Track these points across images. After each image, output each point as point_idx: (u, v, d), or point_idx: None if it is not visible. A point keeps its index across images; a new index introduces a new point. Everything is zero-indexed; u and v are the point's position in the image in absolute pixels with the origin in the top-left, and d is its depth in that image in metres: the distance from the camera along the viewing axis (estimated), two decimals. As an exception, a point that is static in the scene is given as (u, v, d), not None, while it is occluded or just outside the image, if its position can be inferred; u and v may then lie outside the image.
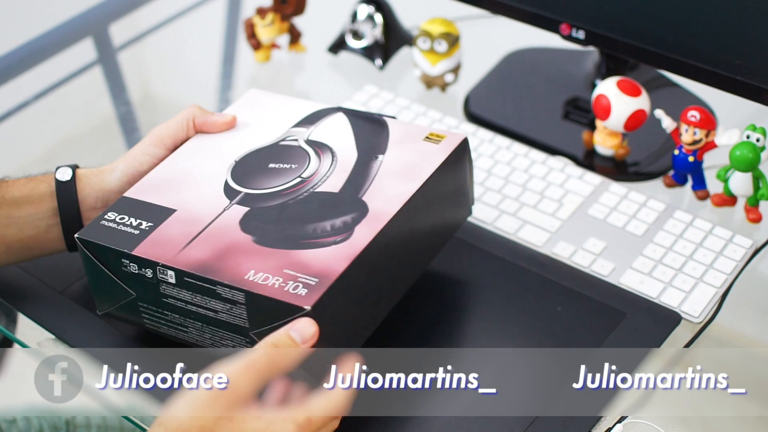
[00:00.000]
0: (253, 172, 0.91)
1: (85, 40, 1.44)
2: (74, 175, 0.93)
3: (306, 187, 0.88)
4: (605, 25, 1.15)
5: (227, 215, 0.86)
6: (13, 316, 0.98)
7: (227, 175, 0.91)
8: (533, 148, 1.15)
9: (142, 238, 0.85)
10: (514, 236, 1.05)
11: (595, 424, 0.86)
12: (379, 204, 0.85)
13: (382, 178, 0.89)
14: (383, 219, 0.84)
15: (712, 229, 1.04)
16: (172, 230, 0.85)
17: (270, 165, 0.91)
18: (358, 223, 0.84)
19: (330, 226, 0.84)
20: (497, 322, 0.95)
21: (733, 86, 1.07)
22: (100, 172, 0.94)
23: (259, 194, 0.88)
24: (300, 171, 0.90)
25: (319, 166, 0.90)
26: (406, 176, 0.88)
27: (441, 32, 1.22)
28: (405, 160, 0.90)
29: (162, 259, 0.82)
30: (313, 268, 0.79)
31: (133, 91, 1.36)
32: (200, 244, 0.83)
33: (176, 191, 0.90)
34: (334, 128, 0.95)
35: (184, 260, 0.82)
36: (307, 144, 0.93)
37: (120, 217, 0.87)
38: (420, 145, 0.92)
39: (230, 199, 0.88)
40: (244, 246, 0.82)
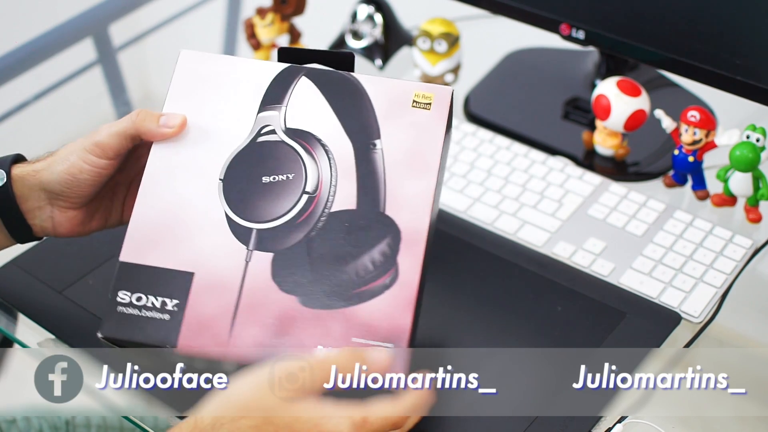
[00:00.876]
0: (248, 194, 0.82)
1: (85, 40, 1.44)
2: (9, 177, 0.89)
3: (318, 209, 0.81)
4: (605, 25, 1.15)
5: (253, 269, 0.80)
6: (13, 316, 0.98)
7: (222, 203, 0.82)
8: (533, 148, 1.15)
9: (177, 324, 0.78)
10: (514, 236, 1.05)
11: (595, 424, 0.86)
12: (405, 218, 0.80)
13: (392, 177, 0.82)
14: (420, 241, 0.80)
15: (712, 229, 1.04)
16: (206, 306, 0.79)
17: (264, 179, 0.82)
18: (396, 251, 0.79)
19: (371, 263, 0.79)
20: (497, 322, 0.95)
21: (732, 86, 1.07)
22: (36, 172, 0.89)
23: (272, 229, 0.81)
24: (300, 183, 0.82)
25: (319, 173, 0.82)
26: (417, 170, 0.82)
27: (441, 32, 1.22)
28: (405, 143, 0.83)
29: (214, 353, 0.77)
30: (381, 330, 0.77)
31: (133, 91, 1.36)
32: (246, 320, 0.78)
33: (177, 242, 0.81)
34: (306, 105, 0.85)
35: (240, 350, 0.77)
36: (289, 138, 0.83)
37: (136, 298, 0.80)
38: (411, 115, 0.84)
39: (243, 242, 0.80)
40: (292, 312, 0.78)
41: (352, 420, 0.72)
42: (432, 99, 0.84)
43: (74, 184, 0.88)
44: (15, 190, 0.88)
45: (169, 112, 0.87)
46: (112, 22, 1.47)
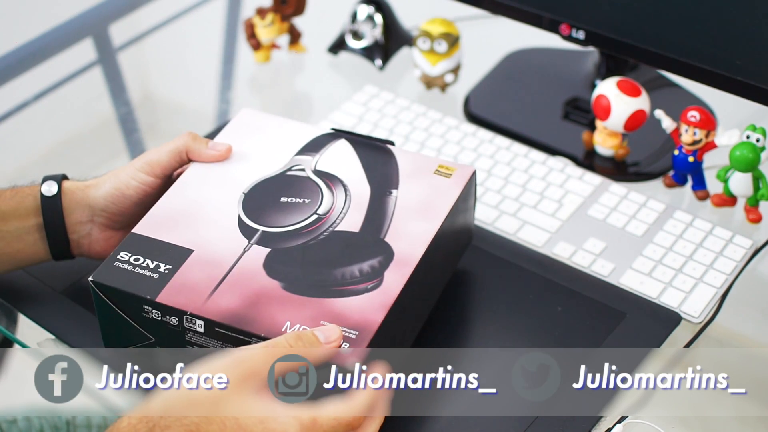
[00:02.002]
0: (265, 206, 0.88)
1: (85, 40, 1.44)
2: (60, 189, 0.92)
3: (324, 226, 0.86)
4: (605, 25, 1.15)
5: (248, 257, 0.84)
6: (13, 316, 0.98)
7: (239, 209, 0.88)
8: (533, 149, 1.15)
9: (164, 282, 0.82)
10: (514, 236, 1.05)
11: (596, 424, 0.86)
12: (402, 246, 0.85)
13: (400, 216, 0.88)
14: (411, 263, 0.84)
15: (712, 230, 1.04)
16: (194, 274, 0.83)
17: (282, 199, 0.89)
18: (386, 267, 0.83)
19: (358, 271, 0.83)
20: (497, 322, 0.95)
21: (733, 86, 1.07)
22: (86, 187, 0.93)
23: (276, 233, 0.86)
24: (314, 207, 0.88)
25: (333, 202, 0.88)
26: (424, 214, 0.88)
27: (441, 32, 1.22)
28: (420, 196, 0.90)
29: (190, 308, 0.80)
30: (351, 320, 0.79)
31: (133, 92, 1.35)
32: (227, 290, 0.81)
33: (188, 228, 0.87)
34: (339, 157, 0.93)
35: (214, 309, 0.80)
36: (315, 175, 0.91)
37: (134, 258, 0.84)
38: (431, 178, 0.92)
39: (248, 237, 0.86)
40: (273, 293, 0.81)
41: (300, 420, 0.71)
42: (454, 171, 0.92)
43: (120, 200, 0.92)
44: (63, 202, 0.92)
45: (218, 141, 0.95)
46: (112, 22, 1.47)
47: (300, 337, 0.75)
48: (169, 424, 0.70)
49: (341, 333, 0.77)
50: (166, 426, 0.70)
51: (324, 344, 0.76)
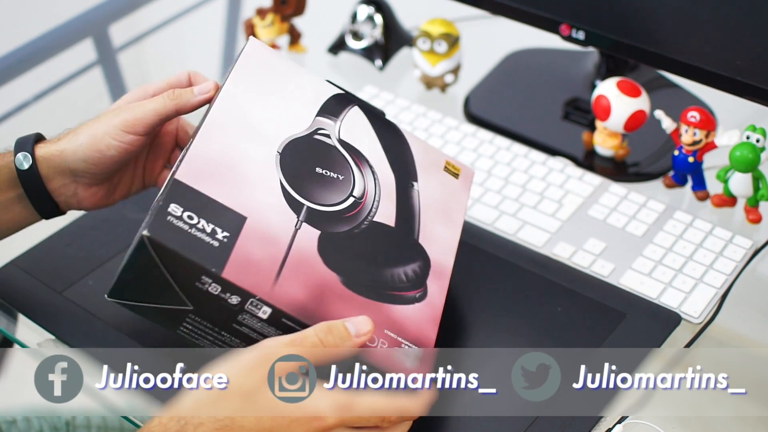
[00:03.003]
0: (302, 174, 0.85)
1: (85, 40, 1.44)
2: (34, 159, 0.89)
3: (363, 213, 0.87)
4: (605, 25, 1.15)
5: (301, 237, 0.82)
6: (13, 316, 0.98)
7: (278, 172, 0.84)
8: (533, 149, 1.15)
9: (226, 254, 0.77)
10: (514, 237, 1.05)
11: (596, 425, 0.86)
12: (435, 252, 0.89)
13: (426, 217, 0.91)
14: (446, 274, 0.89)
15: (712, 230, 1.04)
16: (254, 249, 0.79)
17: (317, 169, 0.87)
18: (425, 275, 0.87)
19: (404, 275, 0.86)
20: (497, 323, 0.95)
21: (732, 87, 1.07)
22: (61, 151, 0.89)
23: (320, 212, 0.84)
24: (348, 187, 0.87)
25: (365, 186, 0.88)
26: (446, 219, 0.92)
27: (441, 33, 1.22)
28: (436, 196, 0.93)
29: (259, 293, 0.77)
30: (410, 333, 0.82)
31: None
32: (291, 276, 0.79)
33: (233, 186, 0.81)
34: (357, 127, 0.91)
35: (282, 297, 0.78)
36: (341, 146, 0.89)
37: (188, 215, 0.77)
38: (442, 176, 0.94)
39: (294, 210, 0.83)
40: (334, 287, 0.81)
41: (335, 399, 0.71)
42: (460, 171, 0.96)
43: (100, 161, 0.89)
44: (41, 171, 0.90)
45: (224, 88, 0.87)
46: (112, 22, 1.47)
47: (331, 330, 0.75)
48: (202, 422, 0.70)
49: (372, 326, 0.77)
50: (198, 423, 0.70)
51: (354, 337, 0.75)
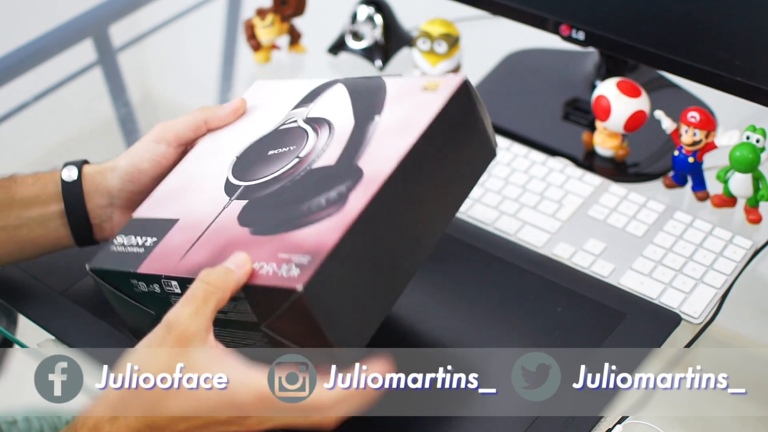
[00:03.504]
0: (253, 164, 0.87)
1: (85, 41, 1.44)
2: (80, 174, 0.92)
3: (303, 166, 0.84)
4: (605, 26, 1.15)
5: (227, 213, 0.83)
6: (13, 317, 0.98)
7: (228, 172, 0.88)
8: (533, 149, 1.15)
9: (147, 254, 0.83)
10: (514, 237, 1.05)
11: (596, 425, 0.86)
12: (372, 165, 0.80)
13: (377, 139, 0.83)
14: (377, 181, 0.78)
15: (711, 230, 1.04)
16: (175, 240, 0.83)
17: (269, 152, 0.87)
18: (351, 189, 0.79)
19: (325, 200, 0.79)
20: (497, 323, 0.95)
21: (732, 87, 1.07)
22: (103, 170, 0.93)
23: (257, 184, 0.85)
24: (298, 151, 0.86)
25: (316, 142, 0.86)
26: (401, 132, 0.82)
27: (441, 33, 1.22)
28: (400, 116, 0.84)
29: (164, 271, 0.80)
30: (306, 246, 0.75)
31: (133, 92, 1.36)
32: (200, 247, 0.81)
33: (180, 200, 0.87)
34: (333, 101, 0.90)
35: (184, 267, 0.80)
36: (305, 123, 0.89)
37: (127, 240, 0.85)
38: (418, 96, 0.85)
39: (230, 195, 0.85)
40: (241, 240, 0.79)
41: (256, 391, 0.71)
42: (440, 84, 0.86)
43: (136, 177, 0.91)
44: (83, 187, 0.92)
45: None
46: (112, 22, 1.47)
47: (209, 273, 0.74)
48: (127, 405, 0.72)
49: (246, 255, 0.75)
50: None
51: (236, 270, 0.74)
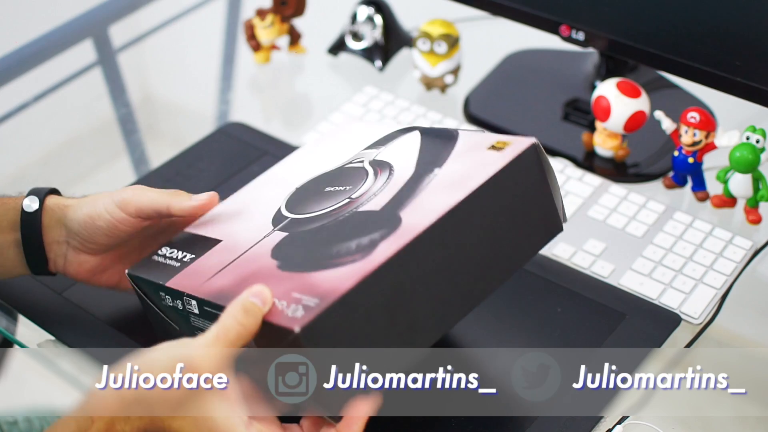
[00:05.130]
0: (307, 198, 0.85)
1: (84, 41, 1.44)
2: (41, 205, 0.89)
3: (350, 208, 0.81)
4: (605, 26, 1.15)
5: (265, 242, 0.82)
6: (13, 317, 0.98)
7: (282, 203, 0.86)
8: (533, 150, 1.15)
9: (180, 270, 0.82)
10: (514, 237, 1.05)
11: (596, 425, 0.86)
12: (413, 218, 0.76)
13: (428, 192, 0.79)
14: (411, 233, 0.74)
15: (711, 231, 1.04)
16: (210, 261, 0.82)
17: (326, 189, 0.85)
18: (384, 238, 0.75)
19: (356, 245, 0.75)
20: (497, 323, 0.95)
21: (732, 87, 1.07)
22: (65, 207, 0.90)
23: (303, 219, 0.82)
24: (352, 192, 0.83)
25: (372, 186, 0.82)
26: (452, 188, 0.78)
27: (441, 33, 1.22)
28: (459, 172, 0.80)
29: (188, 289, 0.80)
30: (320, 289, 0.72)
31: (133, 93, 1.36)
32: (228, 272, 0.80)
33: (231, 222, 0.87)
34: (404, 147, 0.87)
35: (206, 289, 0.79)
36: (370, 165, 0.86)
37: (170, 252, 0.86)
38: (483, 154, 0.81)
39: (275, 225, 0.83)
40: (267, 271, 0.78)
41: None
42: (508, 144, 0.81)
43: (90, 228, 0.88)
44: (43, 219, 0.89)
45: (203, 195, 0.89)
46: (112, 23, 1.47)
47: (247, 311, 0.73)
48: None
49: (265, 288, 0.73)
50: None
51: (263, 307, 0.73)
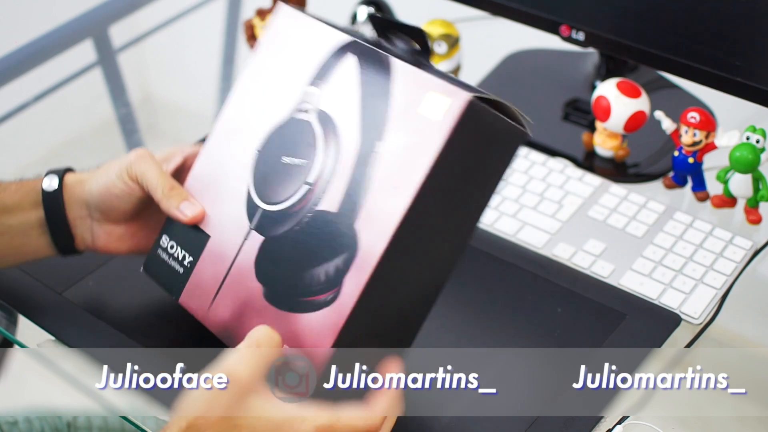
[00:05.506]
0: (269, 170, 0.84)
1: (85, 41, 1.44)
2: (61, 183, 0.90)
3: (310, 202, 0.80)
4: (605, 26, 1.15)
5: (246, 249, 0.83)
6: (13, 317, 0.98)
7: (249, 176, 0.85)
8: (533, 150, 1.15)
9: (185, 280, 0.86)
10: (514, 238, 1.05)
11: (596, 425, 0.86)
12: (368, 236, 0.75)
13: (376, 187, 0.76)
14: (368, 265, 0.74)
15: (711, 231, 1.04)
16: (206, 271, 0.85)
17: (283, 159, 0.83)
18: (346, 270, 0.76)
19: (324, 274, 0.77)
20: (497, 323, 0.95)
21: (732, 87, 1.07)
22: (83, 181, 0.91)
23: (272, 213, 0.82)
24: (306, 170, 0.81)
25: (323, 166, 0.80)
26: (396, 184, 0.75)
27: (441, 34, 1.22)
28: (397, 153, 0.76)
29: (198, 315, 0.84)
30: (307, 343, 0.77)
31: (133, 93, 1.36)
32: (224, 298, 0.83)
33: (209, 202, 0.87)
34: (342, 86, 0.82)
35: (212, 321, 0.83)
36: (317, 122, 0.82)
37: (170, 245, 0.89)
38: (418, 123, 0.75)
39: (250, 217, 0.84)
40: (256, 303, 0.81)
41: (315, 424, 0.71)
42: (443, 108, 0.74)
43: (108, 198, 0.89)
44: (64, 197, 0.90)
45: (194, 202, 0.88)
46: (112, 23, 1.47)
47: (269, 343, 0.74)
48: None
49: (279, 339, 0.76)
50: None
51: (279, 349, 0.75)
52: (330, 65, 0.84)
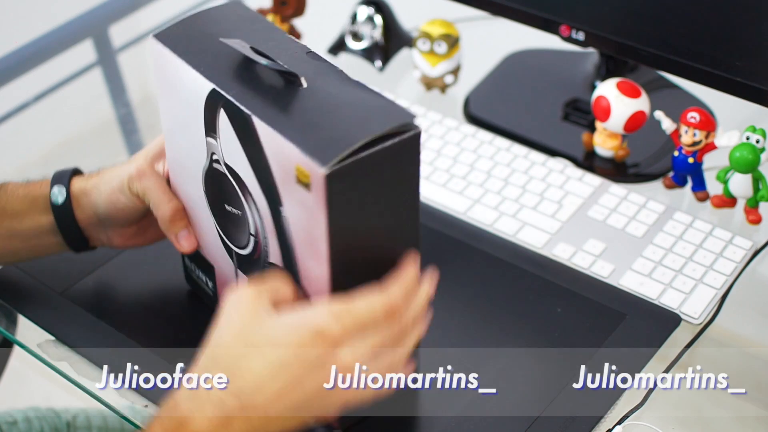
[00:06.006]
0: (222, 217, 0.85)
1: (85, 41, 1.44)
2: (68, 195, 0.91)
3: (263, 252, 0.81)
4: (605, 26, 1.15)
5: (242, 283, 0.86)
6: (13, 317, 0.98)
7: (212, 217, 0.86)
8: (533, 150, 1.15)
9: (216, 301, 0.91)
10: (514, 238, 1.05)
11: (596, 425, 0.86)
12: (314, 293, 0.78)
13: (299, 251, 0.77)
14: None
15: (711, 231, 1.04)
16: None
17: (226, 207, 0.84)
18: None
19: None
20: (497, 323, 0.95)
21: (732, 88, 1.07)
22: (89, 192, 0.92)
23: (242, 256, 0.85)
24: (246, 223, 0.82)
25: (254, 220, 0.81)
26: (313, 251, 0.75)
27: (441, 33, 1.22)
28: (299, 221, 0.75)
29: None
30: None
31: (133, 93, 1.36)
32: None
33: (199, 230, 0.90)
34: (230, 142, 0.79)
35: None
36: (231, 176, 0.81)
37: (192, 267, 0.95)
38: (297, 192, 0.73)
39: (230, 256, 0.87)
40: None
41: (330, 310, 0.70)
42: (310, 180, 0.71)
43: (115, 208, 0.91)
44: (74, 205, 0.91)
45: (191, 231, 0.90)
46: (112, 23, 1.48)
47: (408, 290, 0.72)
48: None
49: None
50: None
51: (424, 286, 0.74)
52: (210, 116, 0.81)
